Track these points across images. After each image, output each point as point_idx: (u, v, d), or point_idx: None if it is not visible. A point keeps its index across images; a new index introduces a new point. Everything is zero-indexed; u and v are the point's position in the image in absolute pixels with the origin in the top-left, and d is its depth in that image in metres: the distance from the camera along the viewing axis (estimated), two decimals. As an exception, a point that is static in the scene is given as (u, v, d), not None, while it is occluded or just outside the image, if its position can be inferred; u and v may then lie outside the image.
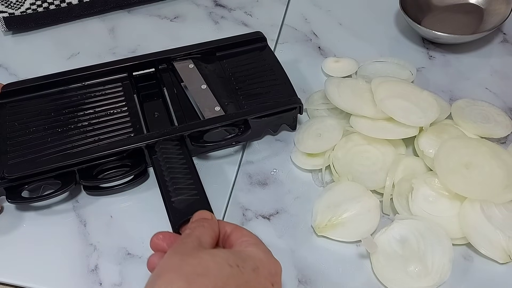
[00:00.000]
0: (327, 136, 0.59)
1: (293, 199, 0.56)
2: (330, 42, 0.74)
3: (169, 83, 0.62)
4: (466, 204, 0.51)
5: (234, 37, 0.66)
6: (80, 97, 0.61)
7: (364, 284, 0.49)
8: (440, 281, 0.48)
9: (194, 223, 0.43)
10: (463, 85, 0.67)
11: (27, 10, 0.76)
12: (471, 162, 0.53)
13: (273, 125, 0.60)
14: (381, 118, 0.57)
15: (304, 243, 0.52)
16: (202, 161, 0.59)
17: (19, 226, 0.55)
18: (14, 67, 0.72)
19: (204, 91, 0.61)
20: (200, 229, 0.42)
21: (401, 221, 0.51)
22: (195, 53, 0.64)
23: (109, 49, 0.74)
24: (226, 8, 0.80)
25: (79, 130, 0.57)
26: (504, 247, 0.49)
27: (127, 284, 0.50)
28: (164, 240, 0.43)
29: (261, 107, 0.58)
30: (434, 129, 0.58)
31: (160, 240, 0.43)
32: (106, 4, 0.78)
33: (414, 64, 0.68)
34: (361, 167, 0.56)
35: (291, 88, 0.60)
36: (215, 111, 0.58)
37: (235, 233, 0.43)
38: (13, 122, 0.58)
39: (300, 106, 0.59)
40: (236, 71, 0.63)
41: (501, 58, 0.70)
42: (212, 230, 0.42)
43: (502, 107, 0.63)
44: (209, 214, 0.45)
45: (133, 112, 0.59)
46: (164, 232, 0.44)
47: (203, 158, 0.60)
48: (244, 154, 0.60)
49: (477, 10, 0.74)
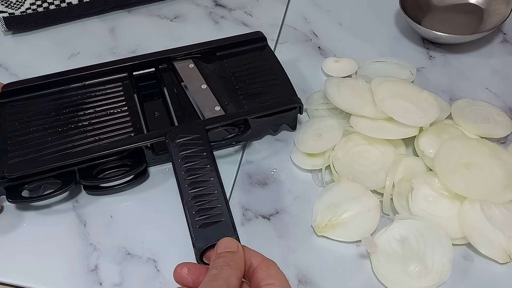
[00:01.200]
0: (327, 136, 0.59)
1: (293, 199, 0.56)
2: (330, 42, 0.74)
3: (169, 83, 0.62)
4: (466, 204, 0.51)
5: (234, 37, 0.66)
6: (80, 97, 0.61)
7: (364, 284, 0.49)
8: (440, 281, 0.48)
9: (221, 260, 0.40)
10: (463, 85, 0.67)
11: (27, 10, 0.76)
12: (471, 162, 0.53)
13: (273, 125, 0.60)
14: (381, 118, 0.57)
15: (304, 243, 0.52)
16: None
17: (19, 226, 0.55)
18: (14, 67, 0.72)
19: (204, 91, 0.61)
20: (227, 270, 0.39)
21: (401, 221, 0.51)
22: (195, 53, 0.64)
23: (109, 49, 0.74)
24: (226, 8, 0.80)
25: (79, 129, 0.57)
26: (504, 247, 0.49)
27: (127, 284, 0.50)
28: (189, 274, 0.41)
29: (261, 107, 0.58)
30: (434, 129, 0.58)
31: (185, 274, 0.41)
32: (106, 4, 0.78)
33: (414, 64, 0.68)
34: (361, 167, 0.56)
35: (291, 88, 0.60)
36: (215, 110, 0.58)
37: (261, 271, 0.40)
38: (13, 122, 0.58)
39: (300, 106, 0.59)
40: (236, 71, 0.63)
41: (501, 58, 0.70)
42: (239, 269, 0.40)
43: (502, 107, 0.63)
44: (235, 244, 0.42)
45: (133, 112, 0.59)
46: (189, 264, 0.42)
47: (203, 158, 0.60)
48: (244, 154, 0.60)
49: (477, 10, 0.74)
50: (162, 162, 0.59)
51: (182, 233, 0.53)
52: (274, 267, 0.40)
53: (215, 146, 0.59)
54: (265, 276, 0.40)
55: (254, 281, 0.40)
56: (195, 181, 0.47)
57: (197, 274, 0.41)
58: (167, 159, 0.59)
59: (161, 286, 0.50)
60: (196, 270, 0.41)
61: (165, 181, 0.58)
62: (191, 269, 0.42)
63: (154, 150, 0.57)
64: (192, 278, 0.41)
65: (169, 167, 0.59)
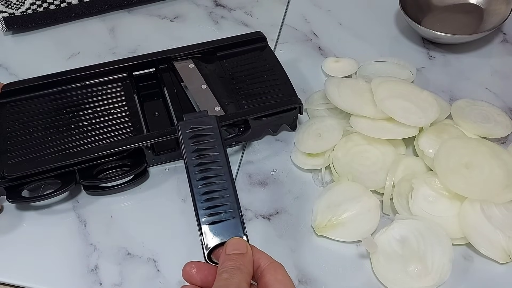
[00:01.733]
0: (327, 136, 0.58)
1: (293, 199, 0.56)
2: (330, 42, 0.74)
3: (169, 83, 0.62)
4: (466, 204, 0.51)
5: (234, 37, 0.66)
6: (81, 97, 0.61)
7: (364, 284, 0.49)
8: (440, 281, 0.48)
9: (231, 263, 0.40)
10: (463, 85, 0.67)
11: (27, 10, 0.76)
12: (471, 162, 0.53)
13: (273, 125, 0.60)
14: (381, 118, 0.57)
15: (304, 243, 0.52)
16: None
17: (19, 226, 0.55)
18: (14, 67, 0.72)
19: (204, 91, 0.61)
20: (238, 275, 0.39)
21: (401, 221, 0.51)
22: (195, 53, 0.64)
23: (109, 49, 0.74)
24: (226, 8, 0.80)
25: (79, 130, 0.57)
26: (504, 247, 0.49)
27: (127, 284, 0.50)
28: (198, 273, 0.42)
29: (261, 107, 0.58)
30: (434, 129, 0.58)
31: (194, 273, 0.42)
32: (106, 4, 0.78)
33: (414, 64, 0.68)
34: (361, 167, 0.56)
35: (291, 88, 0.60)
36: (215, 111, 0.58)
37: (269, 275, 0.40)
38: (13, 122, 0.58)
39: (300, 106, 0.59)
40: (236, 71, 0.63)
41: (501, 58, 0.70)
42: (249, 273, 0.40)
43: (502, 107, 0.63)
44: (244, 246, 0.41)
45: (133, 112, 0.59)
46: (197, 263, 0.42)
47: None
48: (244, 154, 0.60)
49: (477, 10, 0.74)
50: (162, 162, 0.59)
51: (182, 233, 0.53)
52: (281, 271, 0.41)
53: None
54: (273, 281, 0.40)
55: (261, 285, 0.40)
56: (206, 176, 0.45)
57: (206, 274, 0.42)
58: (167, 159, 0.59)
59: (161, 286, 0.50)
60: (205, 270, 0.42)
61: (165, 181, 0.58)
62: (200, 268, 0.42)
63: (154, 150, 0.57)
64: (200, 277, 0.41)
65: (169, 167, 0.59)
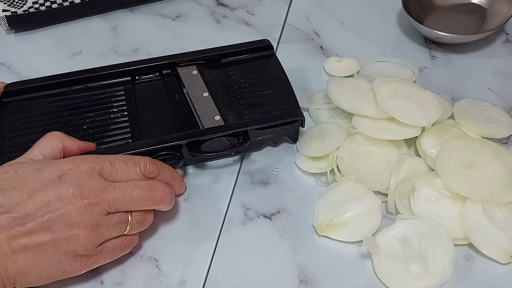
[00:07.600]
0: (330, 139, 0.58)
1: (294, 199, 0.56)
2: (332, 41, 0.74)
3: (171, 88, 0.62)
4: (468, 204, 0.51)
5: (240, 44, 0.65)
6: (82, 100, 0.60)
7: (365, 284, 0.49)
8: (441, 281, 0.48)
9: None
10: (465, 85, 0.67)
11: (30, 9, 0.77)
12: (473, 162, 0.53)
13: (274, 137, 0.59)
14: (383, 118, 0.57)
15: (306, 243, 0.52)
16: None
17: (21, 225, 0.55)
18: (16, 65, 0.72)
19: (205, 99, 0.59)
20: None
21: (402, 221, 0.51)
22: (200, 59, 0.63)
23: (111, 48, 0.74)
24: (228, 7, 0.80)
25: (77, 134, 0.56)
26: (505, 247, 0.49)
27: (128, 283, 0.50)
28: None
29: (262, 119, 0.57)
30: (436, 129, 0.58)
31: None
32: (108, 3, 0.78)
33: (416, 64, 0.68)
34: (366, 168, 0.56)
35: (294, 99, 0.59)
36: (215, 120, 0.57)
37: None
38: (13, 122, 0.58)
39: (302, 119, 0.57)
40: (240, 79, 0.62)
41: (504, 58, 0.70)
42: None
43: (505, 107, 0.63)
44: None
45: (133, 117, 0.58)
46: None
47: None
48: (246, 153, 0.60)
49: (480, 10, 0.73)
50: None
51: (184, 232, 0.53)
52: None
53: (214, 156, 0.58)
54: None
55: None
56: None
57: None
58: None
59: (163, 285, 0.50)
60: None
61: (166, 180, 0.58)
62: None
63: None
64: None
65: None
